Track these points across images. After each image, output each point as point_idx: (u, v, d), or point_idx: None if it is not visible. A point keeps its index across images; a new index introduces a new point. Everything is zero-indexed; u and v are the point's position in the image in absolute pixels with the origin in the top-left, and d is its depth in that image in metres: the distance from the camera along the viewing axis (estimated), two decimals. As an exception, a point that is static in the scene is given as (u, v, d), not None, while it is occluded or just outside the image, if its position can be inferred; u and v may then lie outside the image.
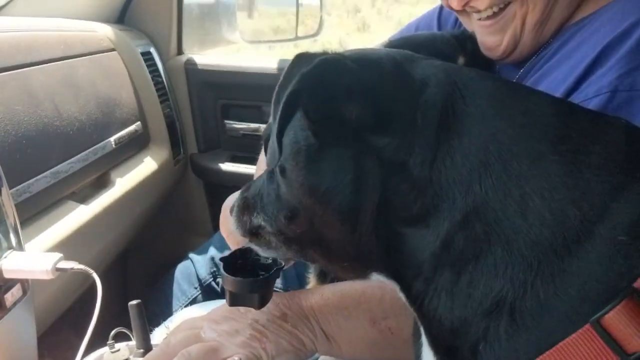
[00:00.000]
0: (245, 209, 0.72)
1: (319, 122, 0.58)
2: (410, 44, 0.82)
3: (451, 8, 0.94)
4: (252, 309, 0.85)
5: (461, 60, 0.94)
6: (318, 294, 0.87)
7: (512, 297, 0.53)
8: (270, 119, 0.62)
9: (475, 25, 0.96)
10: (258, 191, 0.70)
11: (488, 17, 0.91)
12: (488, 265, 0.54)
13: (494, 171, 0.55)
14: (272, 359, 0.79)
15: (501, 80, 0.62)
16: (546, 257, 0.52)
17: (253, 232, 0.72)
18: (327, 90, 0.57)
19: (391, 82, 0.59)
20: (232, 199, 1.02)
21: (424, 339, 0.64)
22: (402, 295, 0.63)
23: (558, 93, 0.82)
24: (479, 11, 0.91)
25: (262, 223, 0.69)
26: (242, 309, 0.86)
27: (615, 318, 0.50)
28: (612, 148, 0.55)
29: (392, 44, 0.90)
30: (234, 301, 0.80)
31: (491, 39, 0.93)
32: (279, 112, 0.57)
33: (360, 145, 0.58)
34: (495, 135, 0.56)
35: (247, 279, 0.77)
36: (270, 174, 0.66)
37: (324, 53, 0.60)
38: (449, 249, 0.56)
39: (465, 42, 0.98)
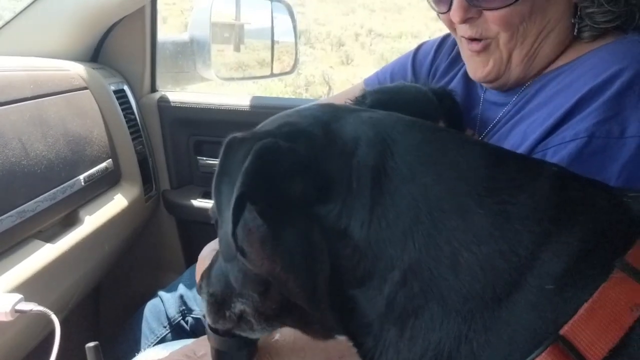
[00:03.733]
0: (221, 304, 0.74)
1: (266, 207, 0.60)
2: (393, 104, 0.84)
3: (452, 25, 0.98)
4: (208, 354, 0.86)
5: (441, 122, 0.98)
6: (275, 334, 0.87)
7: (448, 350, 0.55)
8: (214, 207, 0.63)
9: (464, 47, 1.00)
10: (224, 282, 0.72)
11: (474, 42, 0.96)
12: (426, 320, 0.56)
13: (425, 229, 0.57)
14: (226, 403, 0.79)
15: (430, 131, 0.64)
16: (478, 310, 0.54)
17: (238, 321, 0.73)
18: (269, 179, 0.58)
19: (324, 150, 0.61)
20: (209, 248, 1.03)
21: None
22: (354, 350, 0.65)
23: (535, 136, 0.85)
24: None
25: (242, 307, 0.71)
26: (199, 352, 0.86)
27: None
28: (539, 197, 0.57)
29: (374, 100, 0.92)
30: (221, 359, 0.81)
31: (477, 59, 0.98)
32: (230, 214, 0.57)
33: (307, 219, 0.60)
34: (425, 193, 0.58)
35: (235, 338, 0.78)
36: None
37: (254, 136, 0.61)
38: (392, 307, 0.58)
39: (444, 99, 1.02)
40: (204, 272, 0.78)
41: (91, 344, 0.87)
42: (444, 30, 1.13)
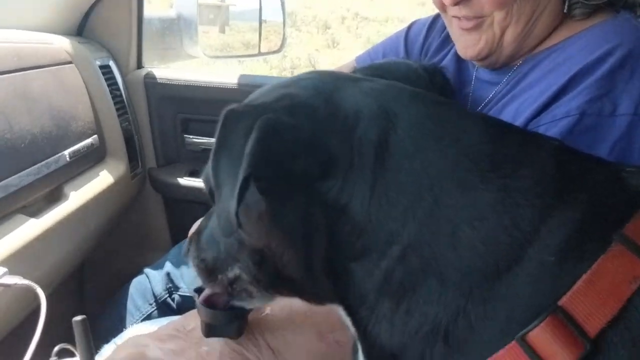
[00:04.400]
0: (213, 269, 0.73)
1: (266, 184, 0.59)
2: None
3: (443, 6, 0.97)
4: (198, 327, 0.85)
5: None
6: (265, 309, 0.87)
7: (445, 323, 0.55)
8: (209, 178, 0.61)
9: (454, 26, 0.99)
10: (216, 249, 0.71)
11: (467, 19, 0.94)
12: (423, 295, 0.56)
13: (427, 205, 0.56)
14: (216, 377, 0.79)
15: (433, 104, 0.63)
16: (477, 284, 0.54)
17: (231, 286, 0.73)
18: (273, 158, 0.57)
19: (327, 125, 0.60)
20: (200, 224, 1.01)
21: (360, 357, 0.65)
22: (347, 320, 0.65)
23: (527, 114, 0.85)
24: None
25: (238, 273, 0.70)
26: (188, 327, 0.86)
27: (539, 335, 0.52)
28: (541, 171, 0.57)
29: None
30: (211, 332, 0.80)
31: (468, 37, 0.97)
32: (233, 193, 0.56)
33: (307, 195, 0.59)
34: (427, 169, 0.57)
35: (225, 310, 0.77)
36: None
37: (253, 110, 0.59)
38: (390, 281, 0.58)
39: (435, 75, 1.01)
40: (191, 236, 0.77)
41: (78, 318, 0.85)
42: (431, 14, 1.11)
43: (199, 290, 0.79)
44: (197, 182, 1.88)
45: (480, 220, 0.55)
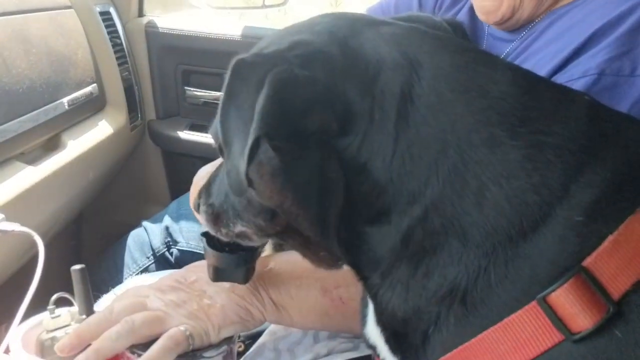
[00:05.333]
0: (217, 219, 0.70)
1: (282, 143, 0.55)
2: None
3: None
4: (200, 279, 0.83)
5: None
6: (269, 263, 0.85)
7: (464, 285, 0.53)
8: (217, 132, 0.58)
9: None
10: (225, 197, 0.68)
11: None
12: (444, 256, 0.54)
13: (452, 163, 0.53)
14: (218, 330, 0.77)
15: (459, 52, 0.59)
16: (501, 244, 0.52)
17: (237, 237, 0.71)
18: (286, 115, 0.53)
19: (344, 75, 0.55)
20: (204, 172, 0.99)
21: (370, 316, 0.63)
22: (358, 282, 0.63)
23: (544, 72, 0.81)
24: None
25: (242, 229, 0.67)
26: (190, 278, 0.84)
27: (561, 296, 0.50)
28: (573, 127, 0.54)
29: None
30: (219, 276, 0.78)
31: (490, 2, 0.92)
32: (244, 152, 0.52)
33: (324, 153, 0.55)
34: (454, 124, 0.54)
35: (234, 255, 0.75)
36: None
37: (265, 61, 0.55)
38: (408, 243, 0.55)
39: (457, 31, 0.97)
40: (200, 189, 0.74)
41: (77, 267, 0.83)
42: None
43: (206, 235, 0.77)
44: (197, 136, 1.85)
45: (508, 178, 0.52)
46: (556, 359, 0.50)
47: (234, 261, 0.76)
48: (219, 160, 0.91)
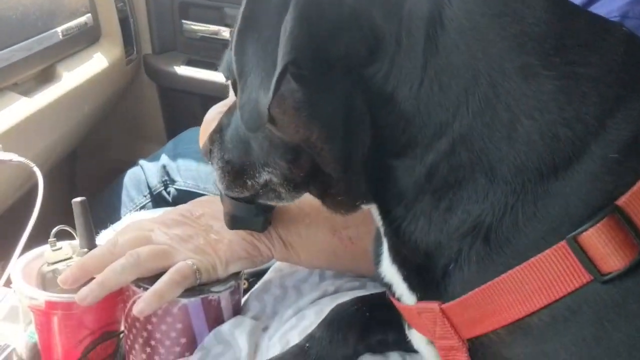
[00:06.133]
0: (239, 172, 0.67)
1: (306, 71, 0.52)
2: None
3: None
4: (206, 214, 0.81)
5: None
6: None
7: (489, 222, 0.51)
8: (230, 67, 0.54)
9: None
10: (244, 149, 0.65)
11: None
12: (469, 192, 0.52)
13: (483, 93, 0.50)
14: (225, 265, 0.76)
15: None
16: (531, 181, 0.50)
17: (262, 189, 0.67)
18: (312, 41, 0.49)
19: None
20: (215, 111, 0.95)
21: (385, 254, 0.62)
22: (378, 218, 0.61)
23: None
24: None
25: (268, 177, 0.64)
26: (195, 213, 0.82)
27: (593, 236, 0.48)
28: (611, 58, 0.51)
29: None
30: (236, 224, 0.76)
31: None
32: (273, 80, 0.48)
33: (349, 82, 0.52)
34: (486, 51, 0.50)
35: (252, 204, 0.72)
36: None
37: None
38: (433, 177, 0.53)
39: None
40: (211, 135, 0.71)
41: (78, 199, 0.81)
42: None
43: None
44: (194, 72, 1.80)
45: (541, 111, 0.50)
46: (583, 300, 0.49)
47: (254, 210, 0.74)
48: (231, 99, 0.88)
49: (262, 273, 0.92)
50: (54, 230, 0.81)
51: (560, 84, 0.50)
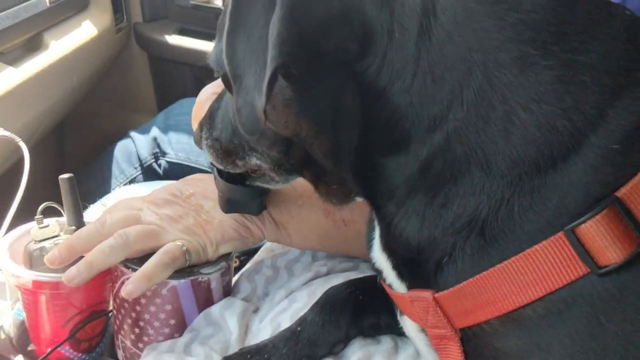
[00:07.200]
0: (227, 155, 0.66)
1: (296, 70, 0.50)
2: None
3: None
4: (196, 193, 0.79)
5: None
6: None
7: (485, 215, 0.50)
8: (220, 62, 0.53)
9: None
10: (232, 130, 0.64)
11: None
12: (464, 186, 0.50)
13: (478, 85, 0.48)
14: (216, 246, 0.75)
15: None
16: (528, 174, 0.48)
17: (253, 170, 0.67)
18: (302, 39, 0.47)
19: None
20: (208, 92, 0.92)
21: (376, 241, 0.61)
22: (370, 210, 0.60)
23: None
24: None
25: (257, 162, 0.64)
26: (186, 192, 0.80)
27: (591, 228, 0.47)
28: (612, 45, 0.50)
29: None
30: (231, 208, 0.75)
31: None
32: (264, 85, 0.46)
33: (339, 77, 0.51)
34: (481, 41, 0.49)
35: (248, 187, 0.72)
36: None
37: None
38: (426, 173, 0.52)
39: None
40: (202, 121, 0.69)
41: (65, 176, 0.79)
42: None
43: (215, 165, 0.73)
44: (186, 41, 1.76)
45: (539, 102, 0.48)
46: (579, 292, 0.48)
47: (249, 194, 0.73)
48: None
49: (254, 251, 0.91)
50: (41, 207, 0.80)
51: (559, 74, 0.48)
